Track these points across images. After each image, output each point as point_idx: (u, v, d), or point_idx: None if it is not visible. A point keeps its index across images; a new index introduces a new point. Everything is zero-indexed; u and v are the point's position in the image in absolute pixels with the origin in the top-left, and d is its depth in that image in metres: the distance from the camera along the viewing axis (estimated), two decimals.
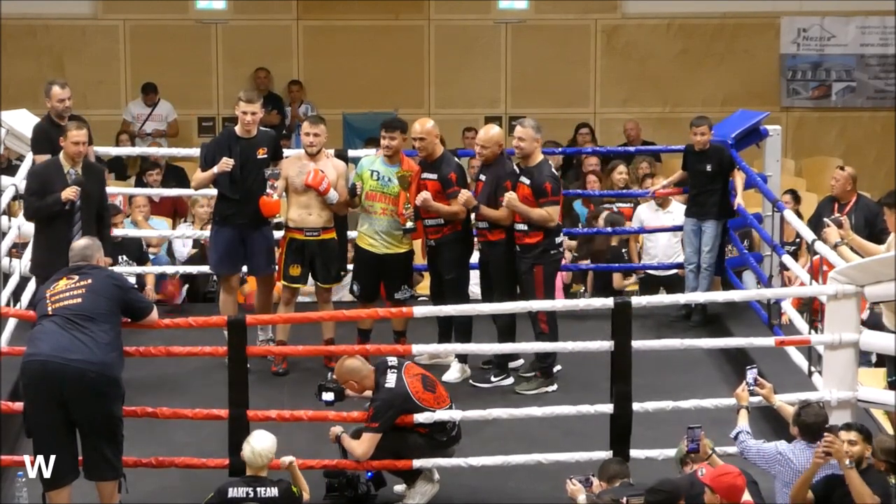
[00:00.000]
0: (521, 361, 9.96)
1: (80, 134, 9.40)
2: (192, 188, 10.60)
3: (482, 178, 9.85)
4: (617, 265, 12.33)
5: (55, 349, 7.32)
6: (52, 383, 7.29)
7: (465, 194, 9.70)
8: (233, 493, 7.35)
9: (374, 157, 10.10)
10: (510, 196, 9.61)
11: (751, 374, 8.10)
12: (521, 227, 9.66)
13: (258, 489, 7.36)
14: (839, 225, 9.08)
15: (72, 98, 10.42)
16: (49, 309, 7.48)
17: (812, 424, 7.49)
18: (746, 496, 7.11)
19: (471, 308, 9.39)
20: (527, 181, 9.65)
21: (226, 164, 9.90)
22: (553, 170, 9.85)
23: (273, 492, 7.38)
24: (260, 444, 7.50)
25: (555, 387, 9.72)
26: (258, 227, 10.09)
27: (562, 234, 9.88)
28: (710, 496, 6.92)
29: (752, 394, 8.07)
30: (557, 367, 9.82)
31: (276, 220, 10.15)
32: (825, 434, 7.24)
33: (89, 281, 7.55)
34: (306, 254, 9.99)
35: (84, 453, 7.45)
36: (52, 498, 7.47)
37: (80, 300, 7.46)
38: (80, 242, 7.97)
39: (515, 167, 9.86)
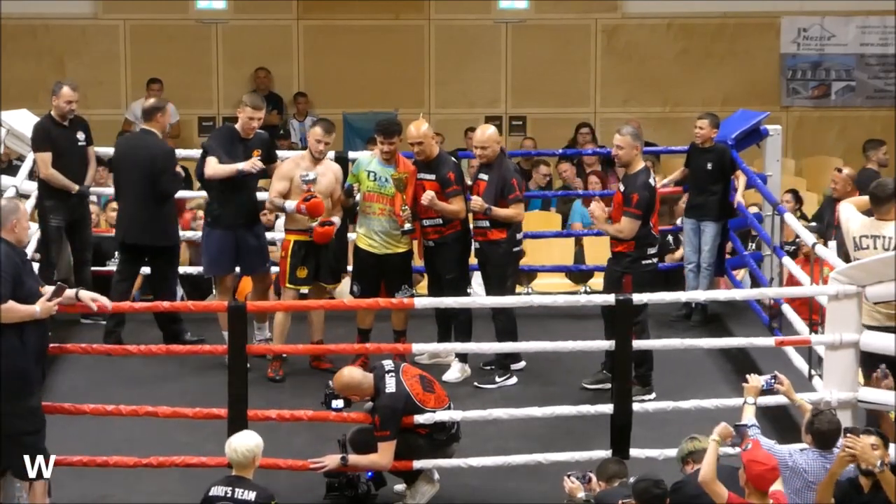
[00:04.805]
0: (523, 364, 9.96)
1: None
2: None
3: (483, 177, 9.84)
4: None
5: None
6: None
7: (477, 202, 9.69)
8: (214, 491, 7.15)
9: (370, 158, 10.07)
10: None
11: (768, 376, 7.78)
12: (615, 234, 9.41)
13: (236, 490, 7.12)
14: None
15: (78, 101, 10.59)
16: None
17: (826, 432, 7.25)
18: (778, 485, 7.00)
19: (471, 301, 9.39)
20: (622, 188, 9.51)
21: (253, 164, 9.85)
22: (650, 179, 9.43)
23: (250, 496, 7.09)
24: (238, 440, 7.28)
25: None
26: (250, 227, 10.09)
27: (656, 246, 9.55)
28: (742, 474, 6.87)
29: (771, 392, 7.77)
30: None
31: (314, 223, 9.92)
32: (847, 436, 7.08)
33: None
34: (311, 255, 9.97)
35: None
36: None
37: None
38: None
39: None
